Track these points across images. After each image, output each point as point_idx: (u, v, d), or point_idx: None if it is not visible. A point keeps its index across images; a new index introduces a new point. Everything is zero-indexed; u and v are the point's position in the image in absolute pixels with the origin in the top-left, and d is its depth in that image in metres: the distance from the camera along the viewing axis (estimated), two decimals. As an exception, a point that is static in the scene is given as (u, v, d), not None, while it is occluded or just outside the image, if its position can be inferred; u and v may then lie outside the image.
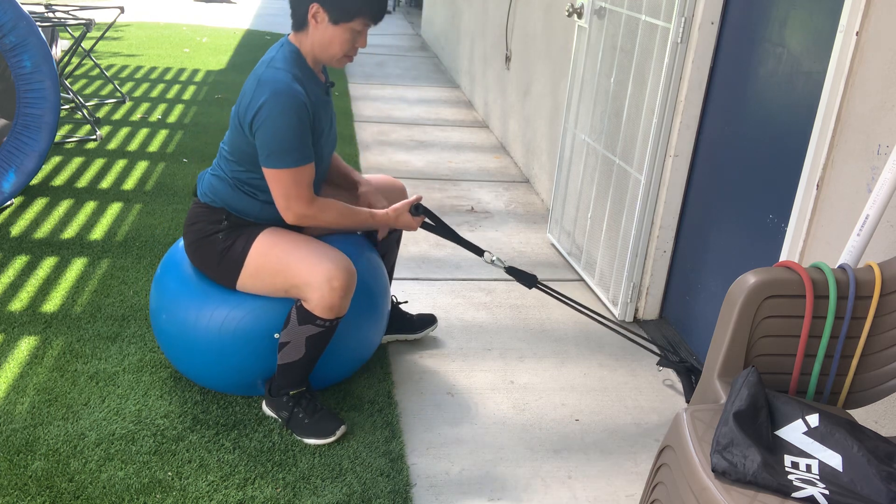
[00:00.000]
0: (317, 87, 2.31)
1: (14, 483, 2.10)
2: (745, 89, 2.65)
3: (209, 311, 2.34)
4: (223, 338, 2.34)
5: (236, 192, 2.33)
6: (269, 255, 2.27)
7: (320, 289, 2.20)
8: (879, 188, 1.71)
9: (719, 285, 2.81)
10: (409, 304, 3.15)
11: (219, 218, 2.34)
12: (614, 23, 3.22)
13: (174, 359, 2.47)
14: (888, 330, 1.68)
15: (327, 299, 2.21)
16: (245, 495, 2.12)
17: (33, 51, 3.60)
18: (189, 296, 2.38)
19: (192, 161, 4.60)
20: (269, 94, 2.16)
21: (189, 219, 2.40)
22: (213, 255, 2.33)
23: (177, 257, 2.51)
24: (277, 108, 2.15)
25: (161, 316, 2.44)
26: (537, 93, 4.61)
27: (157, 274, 2.52)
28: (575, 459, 2.37)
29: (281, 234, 2.32)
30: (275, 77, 2.18)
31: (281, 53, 2.25)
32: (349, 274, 2.23)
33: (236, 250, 2.31)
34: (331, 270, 2.21)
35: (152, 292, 2.51)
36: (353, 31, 2.23)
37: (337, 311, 2.24)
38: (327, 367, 2.47)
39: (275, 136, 2.16)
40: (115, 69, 6.65)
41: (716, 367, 1.71)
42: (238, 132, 2.26)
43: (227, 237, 2.32)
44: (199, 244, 2.36)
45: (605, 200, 3.31)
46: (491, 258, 2.61)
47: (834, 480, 1.41)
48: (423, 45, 9.01)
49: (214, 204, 2.35)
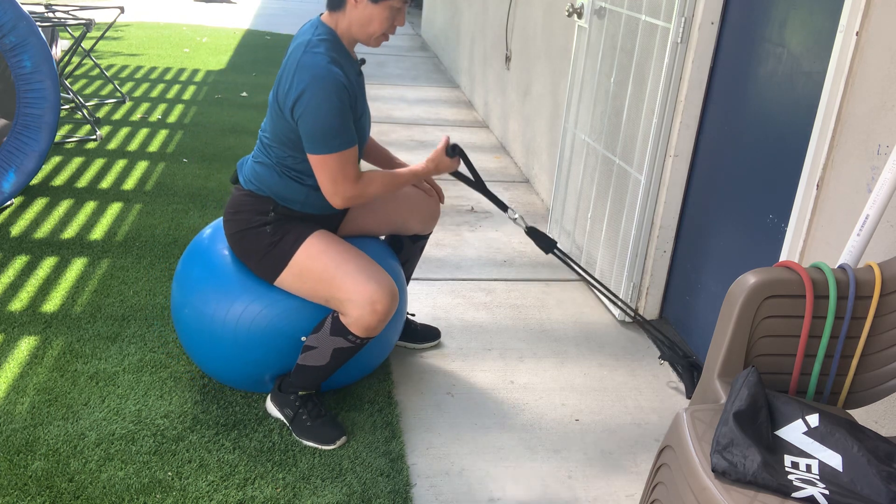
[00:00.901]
0: (352, 66, 2.28)
1: (14, 483, 2.10)
2: (745, 89, 2.65)
3: (241, 306, 2.33)
4: (252, 334, 2.33)
5: (283, 179, 2.29)
6: (317, 259, 2.25)
7: (361, 308, 2.19)
8: (879, 188, 1.71)
9: (719, 285, 2.81)
10: (410, 304, 3.15)
11: (266, 208, 2.30)
12: (614, 23, 3.22)
13: (193, 352, 2.46)
14: (888, 330, 1.68)
15: (366, 320, 2.19)
16: (245, 495, 2.12)
17: (33, 51, 3.60)
18: (219, 290, 2.36)
19: (192, 161, 4.60)
20: (310, 78, 2.12)
21: (232, 206, 2.35)
22: (259, 248, 2.30)
23: (201, 251, 2.48)
24: (320, 93, 2.11)
25: (184, 310, 2.42)
26: (537, 93, 4.61)
27: (180, 269, 2.49)
28: (575, 459, 2.37)
29: (332, 241, 2.29)
30: (314, 62, 2.14)
31: (317, 36, 2.21)
32: (393, 298, 2.22)
33: (284, 247, 2.28)
34: (376, 292, 2.19)
35: (174, 287, 2.49)
36: (393, 8, 2.20)
37: (372, 331, 2.23)
38: (339, 372, 2.47)
39: (318, 122, 2.13)
40: (115, 69, 6.65)
41: (716, 367, 1.71)
42: (279, 117, 2.22)
43: (275, 231, 2.29)
44: (244, 234, 2.32)
45: (605, 200, 3.31)
46: (514, 216, 2.62)
47: (834, 480, 1.41)
48: (423, 45, 9.01)
49: (260, 192, 2.31)
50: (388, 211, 2.59)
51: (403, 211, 2.61)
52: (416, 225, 2.65)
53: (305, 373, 2.31)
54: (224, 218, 2.39)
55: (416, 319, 3.03)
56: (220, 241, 2.49)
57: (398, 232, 2.66)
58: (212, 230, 2.55)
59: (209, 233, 2.54)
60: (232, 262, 2.41)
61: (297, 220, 2.34)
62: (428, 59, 8.20)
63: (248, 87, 6.38)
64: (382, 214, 2.59)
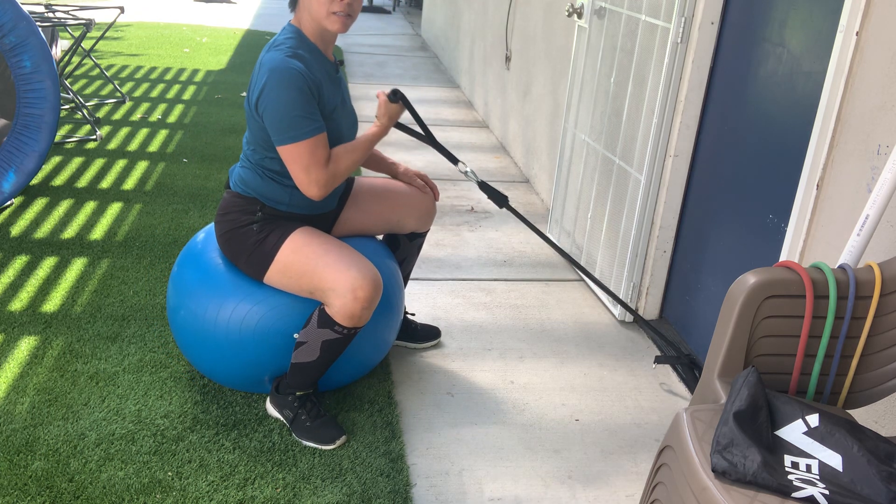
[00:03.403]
0: (323, 64, 2.30)
1: (14, 483, 2.10)
2: (745, 89, 2.65)
3: (231, 306, 2.34)
4: (244, 333, 2.34)
5: (265, 181, 2.33)
6: (299, 253, 2.27)
7: (343, 296, 2.20)
8: (879, 188, 1.71)
9: (719, 285, 2.81)
10: (410, 304, 3.15)
11: (253, 208, 2.34)
12: (614, 23, 3.22)
13: (190, 354, 2.47)
14: (888, 330, 1.68)
15: (349, 307, 2.20)
16: (245, 495, 2.12)
17: (33, 51, 3.60)
18: (211, 291, 2.38)
19: (192, 161, 4.60)
20: (268, 73, 2.17)
21: (222, 208, 2.39)
22: (246, 247, 2.32)
23: (194, 254, 2.50)
24: (278, 85, 2.15)
25: (179, 312, 2.43)
26: (537, 93, 4.61)
27: (175, 271, 2.51)
28: (575, 459, 2.37)
29: (314, 234, 2.32)
30: (273, 57, 2.20)
31: (282, 36, 2.27)
32: (375, 285, 2.23)
33: (269, 244, 2.30)
34: (357, 280, 2.20)
35: (169, 289, 2.51)
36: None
37: (357, 320, 2.23)
38: (337, 371, 2.47)
39: (279, 112, 2.16)
40: (115, 69, 6.65)
41: (716, 367, 1.71)
42: (251, 119, 2.27)
43: (261, 230, 2.32)
44: (232, 234, 2.35)
45: (605, 200, 3.31)
46: (464, 168, 2.62)
47: (834, 480, 1.41)
48: (423, 45, 9.01)
49: (247, 193, 2.35)
50: (383, 210, 2.60)
51: (399, 209, 2.62)
52: (412, 223, 2.66)
53: (299, 371, 2.32)
54: (215, 220, 2.43)
55: (415, 319, 3.03)
56: (212, 244, 2.51)
57: (394, 231, 2.67)
58: (205, 234, 2.58)
59: (202, 237, 2.57)
60: (223, 264, 2.43)
61: (284, 219, 2.37)
62: (428, 59, 8.20)
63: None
64: (377, 213, 2.60)
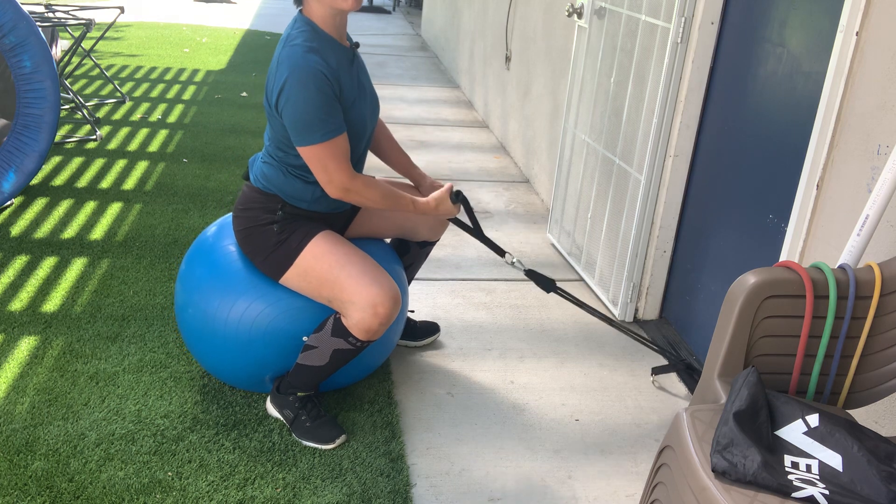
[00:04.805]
0: (339, 53, 2.23)
1: (14, 483, 2.10)
2: (745, 89, 2.65)
3: (244, 304, 2.33)
4: (254, 332, 2.33)
5: (288, 178, 2.29)
6: (321, 260, 2.24)
7: (363, 311, 2.18)
8: (879, 188, 1.71)
9: (719, 285, 2.81)
10: (410, 304, 3.15)
11: (274, 206, 2.30)
12: (614, 23, 3.22)
13: (196, 349, 2.46)
14: (888, 330, 1.68)
15: (367, 322, 2.19)
16: (245, 495, 2.12)
17: (33, 51, 3.60)
18: (223, 288, 2.36)
19: (192, 161, 4.60)
20: (288, 71, 2.11)
21: (241, 203, 2.35)
22: (265, 246, 2.30)
23: (205, 250, 2.48)
24: (297, 84, 2.10)
25: (188, 308, 2.42)
26: (537, 93, 4.61)
27: (182, 269, 2.49)
28: (575, 459, 2.37)
29: (337, 242, 2.28)
30: (291, 53, 2.13)
31: (296, 29, 2.20)
32: (395, 303, 2.21)
33: (290, 245, 2.27)
34: (378, 296, 2.18)
35: (178, 287, 2.49)
36: None
37: (373, 335, 2.23)
38: (340, 373, 2.47)
39: (297, 113, 2.12)
40: (115, 69, 6.65)
41: (716, 367, 1.71)
42: (272, 117, 2.23)
43: (282, 230, 2.29)
44: (251, 231, 2.32)
45: (605, 200, 3.31)
46: (511, 259, 2.62)
47: (834, 480, 1.41)
48: (423, 45, 9.01)
49: (268, 189, 2.31)
50: (398, 216, 2.59)
51: (415, 217, 2.60)
52: (425, 231, 2.65)
53: (303, 372, 2.31)
54: (233, 214, 2.39)
55: (415, 317, 3.03)
56: (223, 240, 2.48)
57: (406, 237, 2.66)
58: (215, 229, 2.54)
59: (213, 231, 2.54)
60: (235, 261, 2.41)
61: (304, 219, 2.34)
62: (428, 59, 8.20)
63: (248, 87, 6.38)
64: (393, 219, 2.59)
